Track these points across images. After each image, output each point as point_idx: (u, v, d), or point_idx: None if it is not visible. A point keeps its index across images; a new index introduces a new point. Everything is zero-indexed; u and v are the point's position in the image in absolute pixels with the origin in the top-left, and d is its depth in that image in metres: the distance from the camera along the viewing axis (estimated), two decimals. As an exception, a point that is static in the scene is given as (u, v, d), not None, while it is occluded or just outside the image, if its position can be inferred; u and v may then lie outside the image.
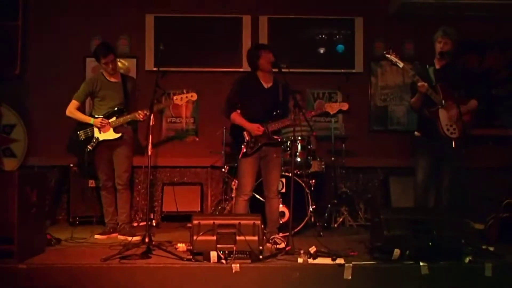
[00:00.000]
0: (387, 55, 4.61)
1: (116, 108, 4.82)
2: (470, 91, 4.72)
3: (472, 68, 6.41)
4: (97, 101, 4.88)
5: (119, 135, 4.80)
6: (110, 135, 4.80)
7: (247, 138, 4.50)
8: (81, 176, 5.80)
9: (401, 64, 4.58)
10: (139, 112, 4.68)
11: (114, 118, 4.79)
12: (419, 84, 4.48)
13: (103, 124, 4.75)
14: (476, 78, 6.07)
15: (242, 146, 4.47)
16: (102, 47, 4.85)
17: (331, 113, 4.68)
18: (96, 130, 4.80)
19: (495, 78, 6.46)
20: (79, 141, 4.83)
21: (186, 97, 4.77)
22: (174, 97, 4.82)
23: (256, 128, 4.45)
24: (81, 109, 4.98)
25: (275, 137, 4.56)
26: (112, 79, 4.88)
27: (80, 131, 4.83)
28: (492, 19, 6.24)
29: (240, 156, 4.48)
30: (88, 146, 4.78)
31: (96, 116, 4.81)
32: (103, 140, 4.79)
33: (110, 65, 4.78)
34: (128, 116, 4.77)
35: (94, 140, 4.78)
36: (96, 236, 4.82)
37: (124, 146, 4.86)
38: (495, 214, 4.71)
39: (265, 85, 4.59)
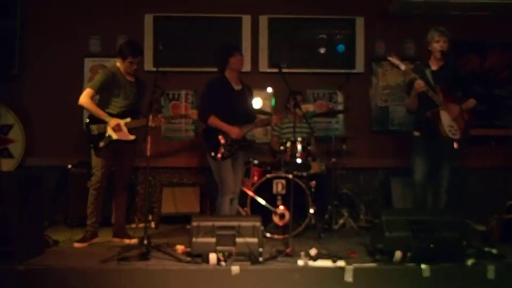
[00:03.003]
0: (389, 58, 4.59)
1: (130, 109, 4.67)
2: (467, 91, 4.70)
3: (473, 68, 6.40)
4: (111, 97, 4.62)
5: (133, 137, 4.68)
6: (125, 136, 4.63)
7: (222, 141, 4.57)
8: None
9: (403, 67, 4.55)
10: (153, 120, 4.54)
11: (129, 119, 4.65)
12: (417, 81, 4.43)
13: (119, 127, 4.58)
14: (472, 78, 6.04)
15: (221, 149, 4.55)
16: (133, 46, 4.66)
17: (300, 114, 4.84)
18: (109, 127, 4.59)
19: (497, 78, 6.43)
20: (90, 136, 4.58)
21: None
22: (191, 111, 4.85)
23: (237, 132, 4.58)
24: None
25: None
26: (128, 78, 4.72)
27: (93, 125, 4.58)
28: (493, 18, 6.22)
29: (220, 159, 4.55)
30: (101, 142, 4.55)
31: (109, 112, 4.59)
32: (116, 140, 4.61)
33: (135, 65, 4.65)
34: (144, 120, 4.55)
35: (107, 137, 4.57)
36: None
37: (133, 148, 4.76)
38: (498, 215, 4.68)
39: (235, 87, 4.67)
